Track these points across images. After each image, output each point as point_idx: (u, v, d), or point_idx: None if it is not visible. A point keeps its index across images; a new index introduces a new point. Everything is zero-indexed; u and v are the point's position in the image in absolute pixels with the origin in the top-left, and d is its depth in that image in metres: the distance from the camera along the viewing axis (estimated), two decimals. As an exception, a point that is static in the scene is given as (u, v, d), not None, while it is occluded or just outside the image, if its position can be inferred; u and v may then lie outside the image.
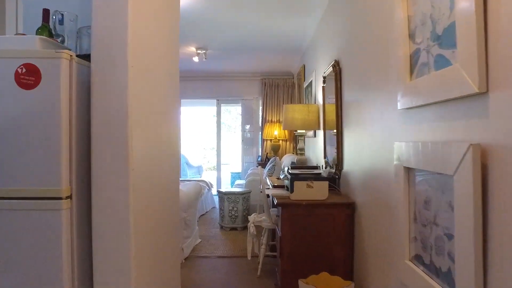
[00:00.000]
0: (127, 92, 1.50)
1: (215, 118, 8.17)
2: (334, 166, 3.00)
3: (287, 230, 2.46)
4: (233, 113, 12.59)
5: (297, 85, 6.59)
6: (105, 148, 1.50)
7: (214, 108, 8.18)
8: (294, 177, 2.55)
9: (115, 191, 1.50)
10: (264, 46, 5.54)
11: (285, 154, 6.97)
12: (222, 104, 8.09)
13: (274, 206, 3.07)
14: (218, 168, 8.14)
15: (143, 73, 1.66)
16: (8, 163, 1.45)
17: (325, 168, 3.41)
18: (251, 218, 3.46)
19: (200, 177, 8.91)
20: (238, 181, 6.92)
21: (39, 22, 1.84)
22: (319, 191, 2.49)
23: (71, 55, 1.49)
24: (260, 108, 7.77)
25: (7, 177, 1.46)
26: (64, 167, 1.48)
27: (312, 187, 2.49)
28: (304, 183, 2.49)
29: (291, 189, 2.53)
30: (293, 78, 7.36)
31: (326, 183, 2.53)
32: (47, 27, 1.89)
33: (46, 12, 1.89)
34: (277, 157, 5.92)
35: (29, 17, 2.18)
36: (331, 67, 3.06)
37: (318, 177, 2.58)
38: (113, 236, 1.50)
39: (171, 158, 2.17)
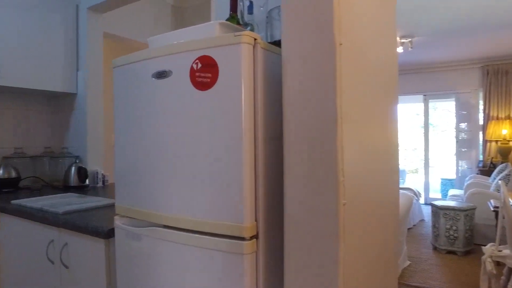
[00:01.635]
0: (335, 86, 1.03)
1: (418, 116, 7.11)
2: None
3: None
4: (438, 110, 11.08)
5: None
6: (303, 170, 1.07)
7: (417, 105, 7.12)
8: None
9: (317, 236, 1.06)
10: (487, 24, 4.33)
11: (520, 159, 5.40)
12: (430, 100, 6.96)
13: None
14: (426, 172, 7.03)
15: (354, 60, 1.16)
16: (187, 188, 1.18)
17: None
18: (487, 250, 2.56)
19: (404, 182, 7.92)
20: (452, 191, 5.74)
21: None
22: None
23: (255, 38, 1.12)
24: (481, 102, 6.31)
25: (184, 204, 1.20)
26: (247, 195, 1.10)
27: None
28: None
29: None
30: (530, 61, 5.68)
31: None
32: (235, 18, 1.63)
33: (233, 1, 1.63)
34: (510, 164, 4.57)
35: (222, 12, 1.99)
36: None
37: None
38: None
39: (390, 178, 1.58)
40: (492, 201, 3.45)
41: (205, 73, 1.14)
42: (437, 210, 4.20)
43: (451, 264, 3.77)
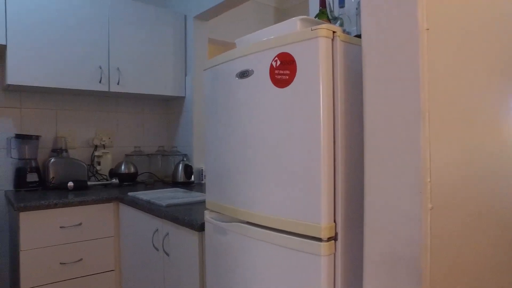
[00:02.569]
0: (420, 77, 0.94)
1: None
2: None
3: None
4: None
5: None
6: (384, 171, 1.00)
7: None
8: None
9: (401, 244, 0.97)
10: None
11: None
12: None
13: None
14: None
15: (455, 45, 1.04)
16: (271, 184, 1.19)
17: None
18: None
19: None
20: None
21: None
22: None
23: (333, 31, 1.08)
24: None
25: (267, 201, 1.21)
26: (325, 195, 1.06)
27: None
28: None
29: None
30: None
31: None
32: (325, 13, 1.59)
33: (323, -4, 1.59)
34: None
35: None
36: None
37: None
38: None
39: None
40: None
41: (283, 70, 1.14)
42: None
43: None
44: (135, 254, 2.19)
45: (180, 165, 2.77)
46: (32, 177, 2.55)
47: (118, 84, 2.68)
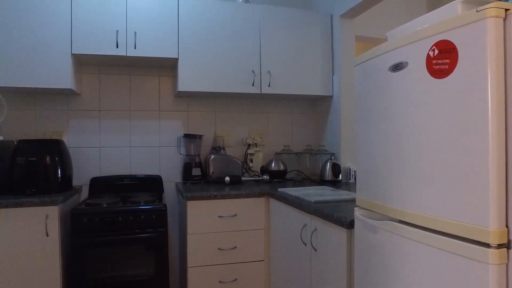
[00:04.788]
0: None
1: None
2: None
3: None
4: None
5: None
6: None
7: None
8: None
9: None
10: None
11: None
12: None
13: None
14: None
15: None
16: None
17: None
18: None
19: None
20: None
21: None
22: None
23: (506, 9, 0.93)
24: None
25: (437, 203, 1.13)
26: (495, 195, 0.94)
27: None
28: None
29: None
30: None
31: None
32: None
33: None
34: None
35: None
36: None
37: None
38: None
39: None
40: None
41: (442, 59, 1.05)
42: None
43: None
44: (283, 247, 2.30)
45: (328, 164, 2.80)
46: (196, 171, 2.91)
47: (269, 86, 2.85)
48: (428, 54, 1.10)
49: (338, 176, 2.79)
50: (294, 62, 2.93)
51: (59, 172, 2.44)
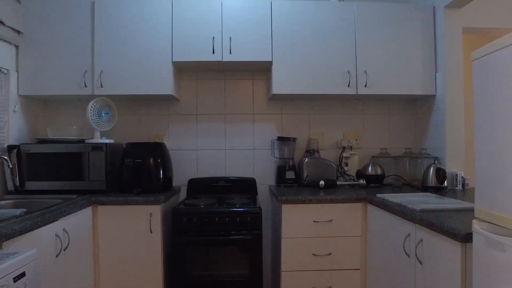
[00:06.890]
0: None
1: None
2: None
3: None
4: None
5: None
6: None
7: None
8: None
9: None
10: None
11: None
12: None
13: None
14: None
15: None
16: None
17: None
18: None
19: None
20: None
21: None
22: None
23: None
24: None
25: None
26: None
27: None
28: None
29: None
30: None
31: None
32: None
33: None
34: None
35: None
36: None
37: None
38: None
39: None
40: None
41: None
42: None
43: None
44: (382, 257, 2.15)
45: (431, 169, 2.57)
46: (290, 175, 2.89)
47: (365, 86, 2.72)
48: None
49: (443, 182, 2.55)
50: (392, 60, 2.75)
51: (161, 173, 2.60)
